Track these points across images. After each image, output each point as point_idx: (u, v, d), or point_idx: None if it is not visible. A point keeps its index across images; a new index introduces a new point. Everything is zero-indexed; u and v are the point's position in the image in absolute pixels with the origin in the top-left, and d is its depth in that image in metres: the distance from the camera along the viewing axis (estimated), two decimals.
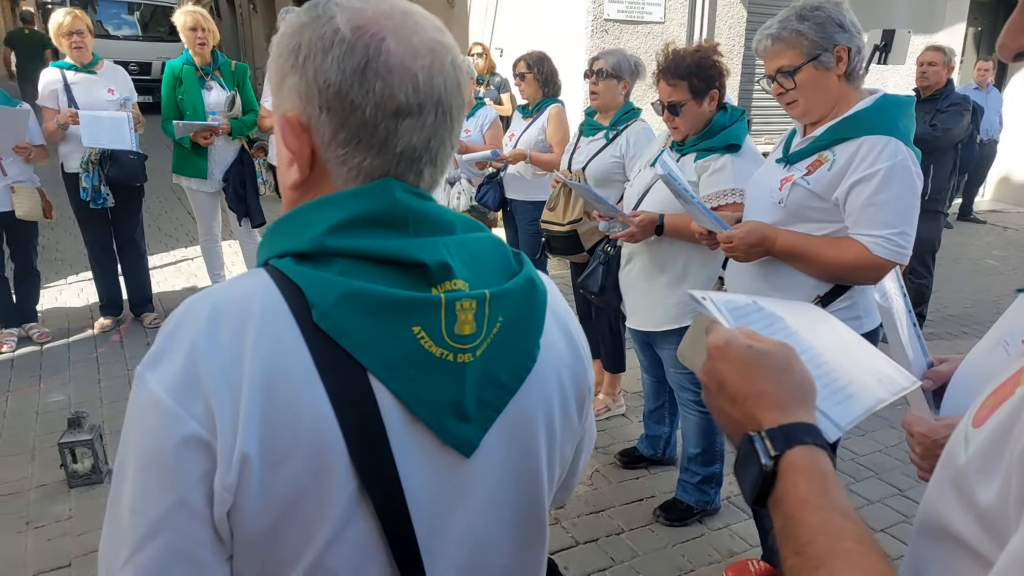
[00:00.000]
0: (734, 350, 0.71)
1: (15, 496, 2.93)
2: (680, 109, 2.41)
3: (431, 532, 0.73)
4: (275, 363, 0.66)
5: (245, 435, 0.64)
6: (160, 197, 7.38)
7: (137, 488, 0.67)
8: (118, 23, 14.73)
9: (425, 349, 0.69)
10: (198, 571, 0.68)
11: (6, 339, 4.24)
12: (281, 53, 0.73)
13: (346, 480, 0.68)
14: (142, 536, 0.66)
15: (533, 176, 3.83)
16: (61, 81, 4.13)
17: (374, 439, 0.68)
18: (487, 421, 0.74)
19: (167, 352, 0.67)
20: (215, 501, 0.66)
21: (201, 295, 0.71)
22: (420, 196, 0.73)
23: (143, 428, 0.67)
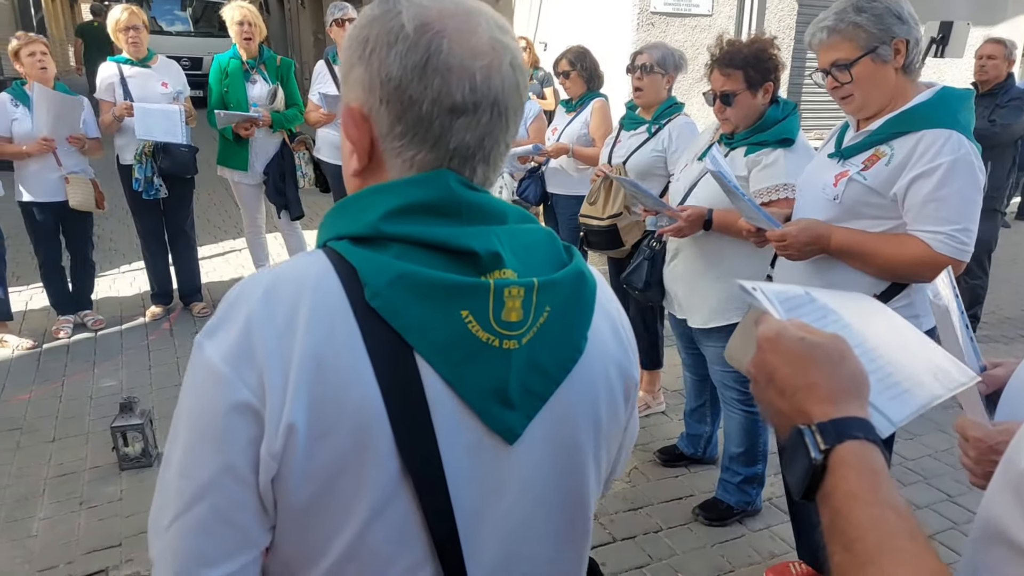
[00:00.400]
0: (785, 342, 0.70)
1: (71, 477, 3.04)
2: (733, 99, 2.37)
3: (471, 517, 0.74)
4: (326, 339, 0.68)
5: (293, 406, 0.66)
6: (209, 189, 7.56)
7: (187, 451, 0.70)
8: (171, 19, 15.11)
9: (472, 333, 0.71)
10: (241, 536, 0.70)
11: (62, 326, 4.40)
12: (351, 45, 0.74)
13: (388, 458, 0.69)
14: (189, 498, 0.69)
15: (575, 170, 3.81)
16: (117, 75, 4.26)
17: (418, 420, 0.69)
18: (532, 410, 0.75)
19: (225, 322, 0.70)
20: (261, 468, 0.68)
21: (260, 272, 0.74)
22: (474, 189, 0.75)
23: (197, 393, 0.70)
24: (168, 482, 0.71)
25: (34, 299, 4.86)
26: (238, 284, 0.73)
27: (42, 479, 3.02)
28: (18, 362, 4.06)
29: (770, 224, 1.99)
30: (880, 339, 0.83)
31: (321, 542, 0.72)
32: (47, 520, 2.77)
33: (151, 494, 1.57)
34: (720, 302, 2.52)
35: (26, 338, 4.26)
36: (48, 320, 4.52)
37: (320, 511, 0.70)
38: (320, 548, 0.72)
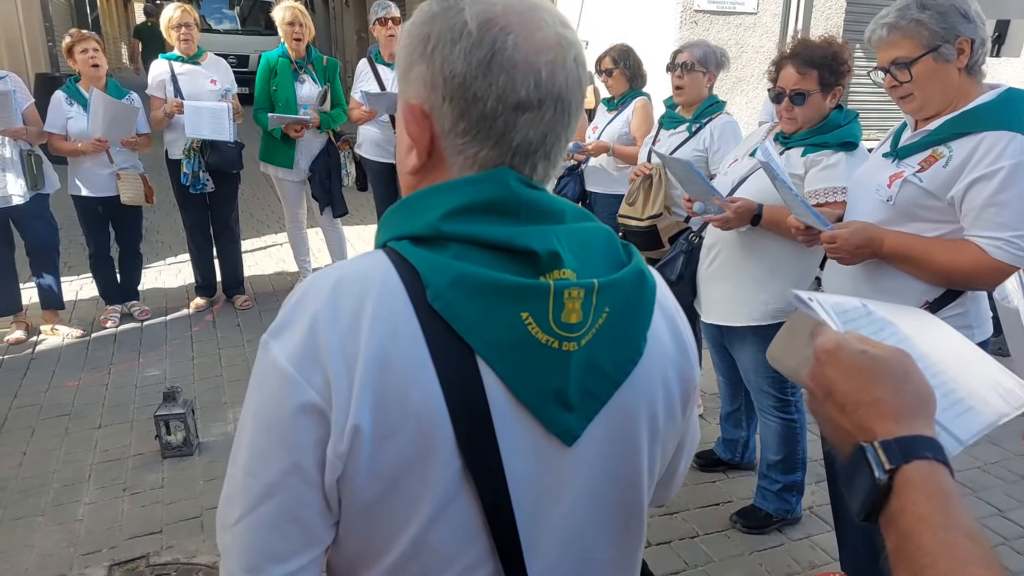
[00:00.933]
0: (846, 355, 0.67)
1: (115, 463, 3.12)
2: (806, 99, 2.29)
3: (531, 518, 0.75)
4: (389, 340, 0.68)
5: (358, 407, 0.67)
6: (253, 184, 7.69)
7: (254, 450, 0.71)
8: (219, 17, 15.42)
9: (532, 335, 0.70)
10: (306, 534, 0.72)
11: (110, 315, 4.52)
12: (411, 42, 0.74)
13: (450, 459, 0.70)
14: (256, 497, 0.71)
15: (615, 169, 3.77)
16: (168, 72, 4.36)
17: (479, 421, 0.70)
18: (590, 411, 0.75)
19: (291, 323, 0.71)
20: (327, 468, 0.69)
21: (324, 271, 0.74)
22: (533, 187, 0.74)
23: (264, 393, 0.71)
24: (235, 478, 0.73)
25: (84, 289, 5.00)
26: (303, 283, 0.73)
27: (88, 465, 3.10)
28: (68, 350, 4.19)
29: (820, 224, 1.93)
30: (940, 354, 0.79)
31: (384, 540, 0.73)
32: (92, 505, 2.84)
33: (192, 483, 1.58)
34: (758, 303, 2.46)
35: (76, 327, 4.38)
36: (97, 310, 4.65)
37: (384, 510, 0.72)
38: (383, 545, 0.73)
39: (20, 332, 4.25)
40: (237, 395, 3.70)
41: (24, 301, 4.36)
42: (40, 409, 3.55)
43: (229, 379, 3.88)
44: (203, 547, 2.60)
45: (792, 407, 2.58)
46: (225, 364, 4.05)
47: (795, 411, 2.59)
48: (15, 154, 3.92)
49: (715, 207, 2.43)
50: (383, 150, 4.74)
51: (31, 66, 9.06)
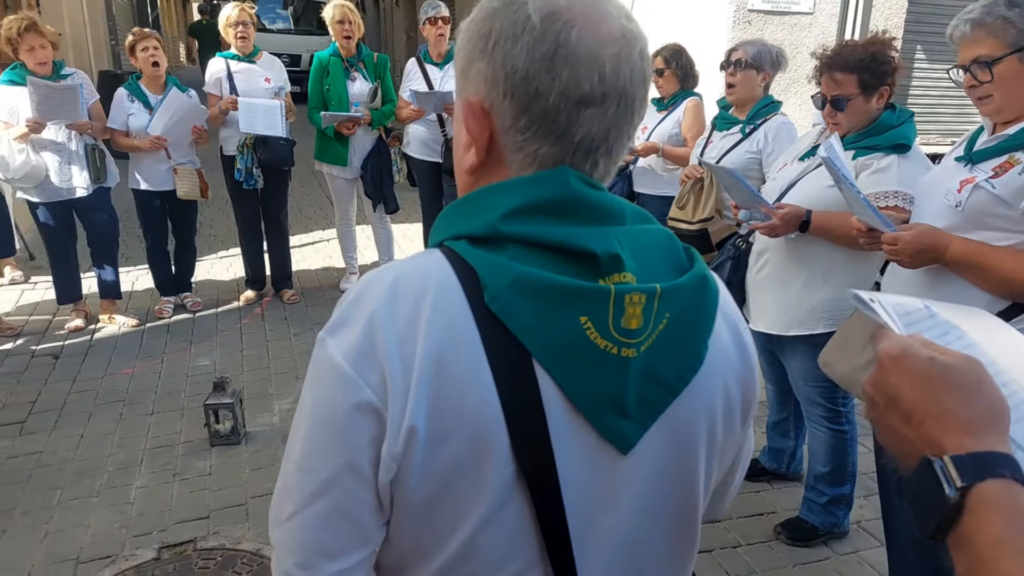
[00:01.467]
0: (912, 361, 0.63)
1: (166, 449, 3.21)
2: (845, 104, 2.24)
3: (583, 524, 0.73)
4: (446, 341, 0.68)
5: (414, 408, 0.67)
6: (303, 181, 7.83)
7: (309, 446, 0.71)
8: (273, 17, 15.75)
9: (590, 340, 0.69)
10: (358, 532, 0.72)
11: (165, 306, 4.66)
12: (471, 38, 0.73)
13: (504, 463, 0.69)
14: (310, 493, 0.71)
15: (664, 170, 3.73)
16: (225, 70, 4.48)
17: (534, 425, 0.69)
18: (648, 419, 0.73)
19: (348, 320, 0.70)
20: (380, 468, 0.69)
21: (382, 270, 0.73)
22: (593, 185, 0.73)
23: (320, 390, 0.71)
24: (290, 473, 0.73)
25: (140, 280, 5.16)
26: (360, 281, 0.73)
27: (140, 450, 3.20)
28: (124, 338, 4.33)
29: (884, 225, 1.87)
30: (1009, 361, 0.75)
31: (435, 540, 0.73)
32: (143, 489, 2.93)
33: (238, 471, 1.59)
34: (808, 310, 2.39)
35: (132, 316, 4.53)
36: (152, 300, 4.79)
37: (436, 511, 0.71)
38: (434, 546, 0.73)
39: (80, 320, 4.41)
40: (283, 387, 3.78)
41: (84, 290, 4.52)
42: (97, 395, 3.67)
43: (276, 371, 3.96)
44: (248, 534, 2.65)
45: (843, 418, 2.51)
46: (272, 356, 4.14)
47: (846, 422, 2.52)
48: (80, 148, 4.07)
49: (761, 214, 2.38)
50: (430, 149, 4.78)
51: (95, 63, 9.39)
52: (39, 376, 3.84)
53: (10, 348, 4.16)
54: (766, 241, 2.47)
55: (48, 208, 4.13)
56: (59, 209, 4.16)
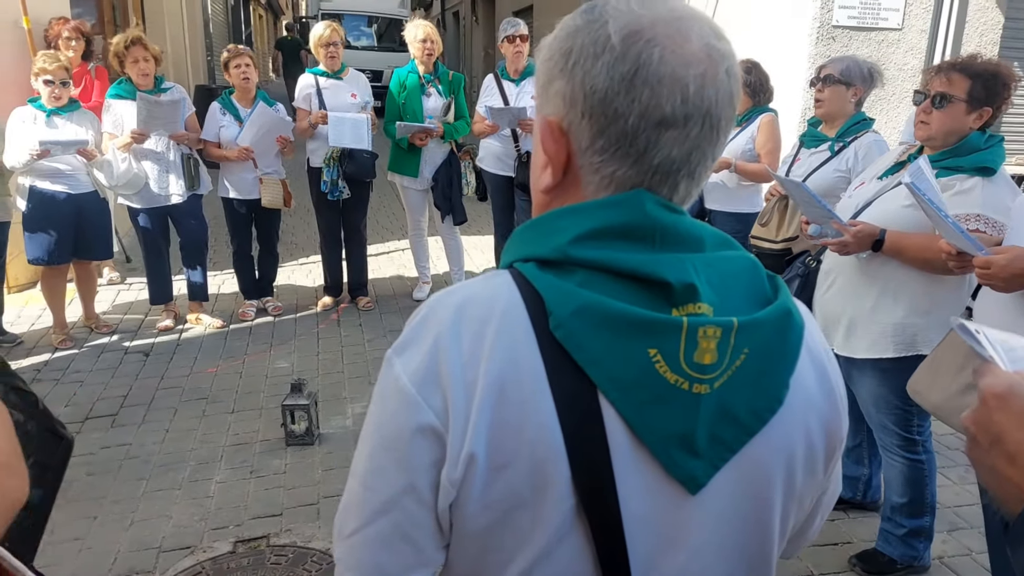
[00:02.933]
0: (1019, 400, 0.60)
1: (244, 447, 3.35)
2: (946, 103, 2.13)
3: (646, 564, 0.71)
4: (509, 368, 0.66)
5: (474, 435, 0.66)
6: (379, 193, 8.04)
7: (372, 465, 0.72)
8: (357, 35, 16.33)
9: (659, 374, 0.66)
10: (417, 554, 0.72)
11: (247, 309, 4.87)
12: (551, 56, 0.71)
13: (565, 496, 0.67)
14: (372, 512, 0.71)
15: (737, 186, 3.67)
16: (314, 86, 4.68)
17: (597, 459, 0.66)
18: (719, 460, 0.69)
19: (414, 341, 0.70)
20: (440, 493, 0.69)
21: (448, 291, 0.73)
22: (671, 210, 0.70)
23: (385, 409, 0.71)
24: (354, 490, 0.74)
25: (226, 284, 5.41)
26: (428, 301, 0.73)
27: (220, 446, 3.35)
28: (209, 339, 4.55)
29: (974, 248, 1.80)
30: None
31: (493, 569, 0.72)
32: (222, 484, 3.07)
33: (311, 471, 1.63)
34: (879, 332, 2.30)
35: (217, 318, 4.75)
36: (236, 303, 5.02)
37: (494, 540, 0.70)
38: (492, 574, 0.72)
39: (169, 320, 4.66)
40: (356, 391, 3.89)
41: (174, 292, 4.78)
42: (182, 391, 3.87)
43: (350, 375, 4.08)
44: (319, 533, 2.74)
45: (919, 447, 2.40)
46: (347, 361, 4.26)
47: (922, 451, 2.40)
48: (177, 158, 4.33)
49: (833, 230, 2.32)
50: (503, 163, 4.85)
51: (192, 78, 9.94)
52: (131, 372, 4.08)
53: (105, 344, 4.42)
54: (836, 259, 2.39)
55: (146, 214, 4.40)
56: (156, 215, 4.42)
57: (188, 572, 2.54)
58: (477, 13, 19.65)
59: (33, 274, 4.90)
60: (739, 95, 0.71)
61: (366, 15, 16.75)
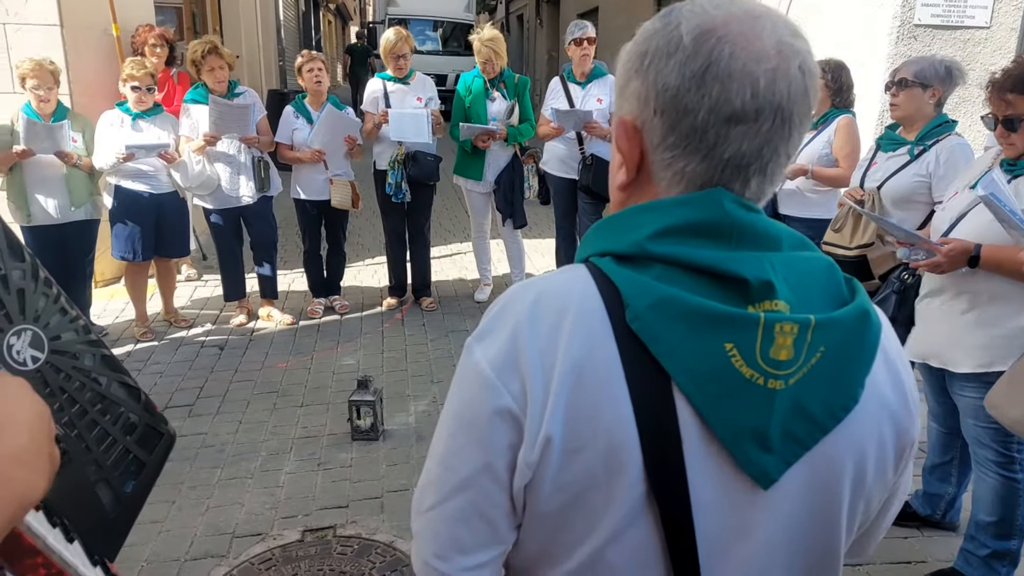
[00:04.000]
0: None
1: (312, 440, 3.44)
2: (1019, 125, 2.07)
3: (713, 553, 0.72)
4: (585, 356, 0.69)
5: (551, 419, 0.68)
6: (443, 196, 8.13)
7: (451, 445, 0.75)
8: (422, 39, 16.59)
9: (734, 368, 0.67)
10: (491, 531, 0.75)
11: (316, 307, 5.01)
12: (629, 59, 0.74)
13: (636, 481, 0.69)
14: (449, 489, 0.75)
15: (812, 192, 3.57)
16: (382, 90, 4.79)
17: (669, 448, 0.68)
18: (791, 456, 0.70)
19: (493, 330, 0.73)
20: (516, 474, 0.72)
21: (527, 283, 0.76)
22: (749, 208, 0.71)
23: (464, 393, 0.74)
24: (432, 469, 0.77)
25: (295, 282, 5.57)
26: (507, 292, 0.76)
27: (290, 439, 3.45)
28: (279, 335, 4.69)
29: None
30: None
31: (563, 549, 0.74)
32: (291, 475, 3.16)
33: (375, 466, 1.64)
34: (980, 347, 2.21)
35: (287, 315, 4.90)
36: (305, 301, 5.16)
37: (566, 520, 0.72)
38: (561, 554, 0.75)
39: (243, 316, 4.83)
40: (419, 389, 3.95)
41: (247, 289, 4.95)
42: (255, 385, 4.01)
43: (413, 373, 4.15)
44: (383, 526, 2.79)
45: (1016, 465, 2.29)
46: (410, 360, 4.33)
47: (1019, 470, 2.29)
48: (248, 160, 4.48)
49: (924, 250, 2.23)
50: (567, 166, 4.85)
51: (265, 82, 10.28)
52: (207, 364, 4.24)
53: (183, 337, 4.62)
54: (933, 275, 2.31)
55: (219, 214, 4.57)
56: (228, 215, 4.59)
57: (259, 558, 2.63)
58: (541, 16, 19.70)
59: (118, 269, 5.16)
60: (815, 92, 0.71)
61: (432, 19, 17.00)
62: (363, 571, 2.56)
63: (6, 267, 0.76)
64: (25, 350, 0.71)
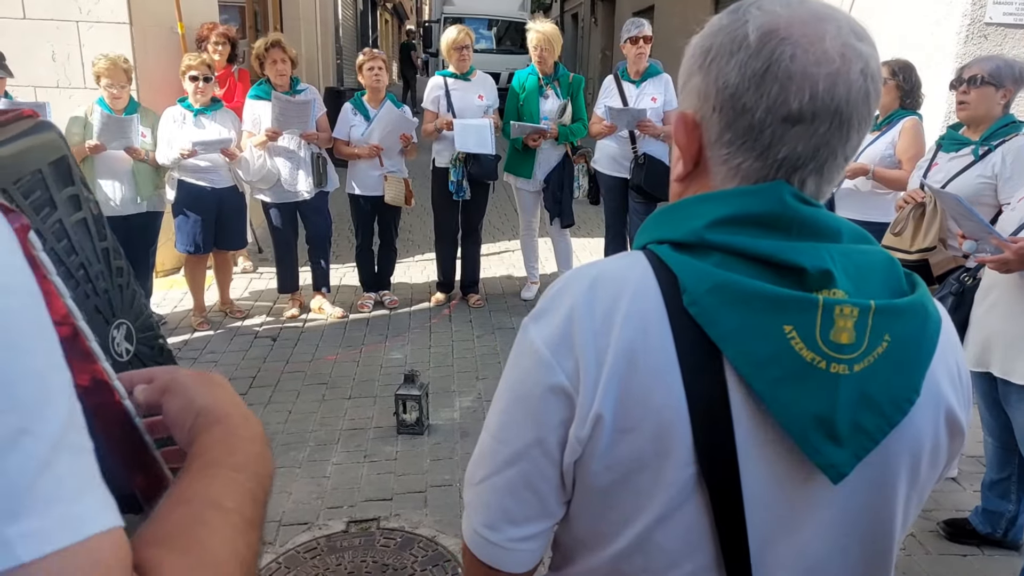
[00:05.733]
0: None
1: (358, 432, 3.50)
2: None
3: (763, 540, 0.73)
4: (639, 338, 0.70)
5: (603, 397, 0.70)
6: (494, 193, 8.19)
7: (505, 420, 0.77)
8: (477, 37, 16.63)
9: (795, 350, 0.67)
10: (541, 504, 0.77)
11: (366, 301, 5.09)
12: (692, 54, 0.75)
13: (685, 463, 0.70)
14: (502, 462, 0.77)
15: (873, 193, 3.46)
16: (443, 87, 4.83)
17: (719, 431, 0.69)
18: (862, 450, 0.69)
19: (549, 310, 0.75)
20: (567, 449, 0.73)
21: (585, 266, 0.78)
22: (809, 203, 0.72)
23: (520, 370, 0.76)
24: (485, 442, 0.80)
25: (346, 277, 5.67)
26: (565, 275, 0.78)
27: (337, 430, 3.51)
28: (330, 328, 4.78)
29: None
30: None
31: (612, 528, 0.76)
32: (338, 466, 3.22)
33: (420, 460, 1.64)
34: None
35: (338, 308, 4.98)
36: (355, 295, 5.25)
37: (615, 499, 0.74)
38: (610, 533, 0.76)
39: (295, 309, 4.94)
40: (465, 385, 3.97)
41: (300, 282, 5.06)
42: (305, 376, 4.09)
43: (459, 370, 4.17)
44: (425, 520, 2.82)
45: None
46: (456, 355, 4.36)
47: None
48: (307, 156, 4.58)
49: (992, 246, 2.14)
50: (619, 165, 4.81)
51: (322, 80, 10.49)
52: (259, 355, 4.35)
53: (238, 328, 4.74)
54: (996, 276, 2.21)
55: (277, 208, 4.68)
56: (286, 209, 4.69)
57: (304, 547, 2.68)
58: (596, 15, 19.59)
59: (177, 260, 5.33)
60: (877, 96, 0.71)
61: (487, 18, 17.07)
62: (405, 564, 2.59)
63: (120, 258, 0.78)
64: (122, 343, 0.73)
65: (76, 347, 0.61)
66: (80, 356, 0.62)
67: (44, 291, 0.59)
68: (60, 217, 0.68)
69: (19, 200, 0.63)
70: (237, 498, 0.58)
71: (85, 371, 0.62)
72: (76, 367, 0.62)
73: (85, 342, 0.62)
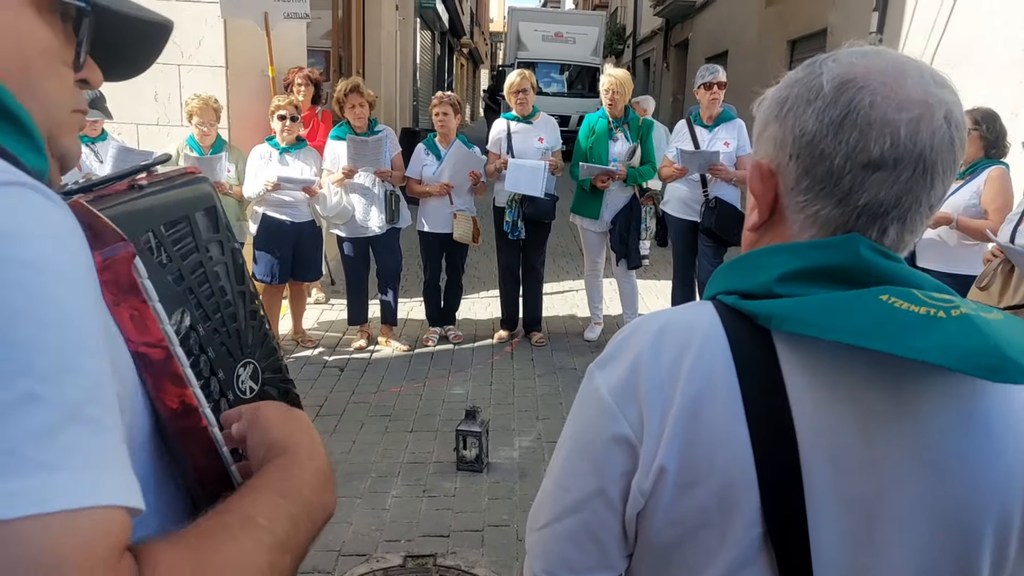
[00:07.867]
0: None
1: (419, 466, 3.53)
2: None
3: None
4: (705, 391, 0.69)
5: (667, 450, 0.69)
6: (558, 233, 8.22)
7: (567, 467, 0.77)
8: (548, 81, 16.99)
9: (901, 309, 0.63)
10: (602, 555, 0.76)
11: (431, 336, 5.16)
12: (770, 105, 0.76)
13: (752, 523, 0.68)
14: (563, 509, 0.77)
15: (956, 244, 3.33)
16: (505, 130, 4.94)
17: (789, 492, 0.67)
18: None
19: (615, 357, 0.76)
20: (629, 501, 0.73)
21: (653, 314, 0.78)
22: (888, 256, 0.69)
23: (584, 417, 0.77)
24: (548, 488, 0.80)
25: (413, 311, 5.78)
26: (632, 323, 0.79)
27: (399, 462, 3.55)
28: (395, 361, 4.87)
29: None
30: None
31: None
32: (397, 499, 3.24)
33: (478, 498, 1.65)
34: None
35: (403, 342, 5.08)
36: (421, 329, 5.33)
37: (677, 556, 0.73)
38: None
39: (363, 340, 5.05)
40: (524, 424, 3.96)
41: (369, 315, 5.18)
42: (369, 407, 4.16)
43: (519, 408, 4.17)
44: (482, 560, 2.80)
45: None
46: (517, 394, 4.37)
47: None
48: (381, 193, 4.74)
49: None
50: (689, 208, 4.79)
51: (399, 121, 10.86)
52: (327, 384, 4.46)
53: (309, 356, 4.88)
54: None
55: (351, 242, 4.84)
56: (359, 244, 4.85)
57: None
58: (668, 60, 19.69)
59: None
60: (962, 144, 0.69)
61: (559, 63, 17.41)
62: None
63: (256, 304, 0.82)
64: (247, 380, 0.79)
65: (168, 369, 0.66)
66: (172, 379, 0.66)
67: (141, 314, 0.64)
68: (201, 259, 0.74)
69: (163, 239, 0.69)
70: (273, 518, 0.58)
71: (175, 394, 0.66)
72: (167, 389, 0.67)
73: (178, 367, 0.66)
